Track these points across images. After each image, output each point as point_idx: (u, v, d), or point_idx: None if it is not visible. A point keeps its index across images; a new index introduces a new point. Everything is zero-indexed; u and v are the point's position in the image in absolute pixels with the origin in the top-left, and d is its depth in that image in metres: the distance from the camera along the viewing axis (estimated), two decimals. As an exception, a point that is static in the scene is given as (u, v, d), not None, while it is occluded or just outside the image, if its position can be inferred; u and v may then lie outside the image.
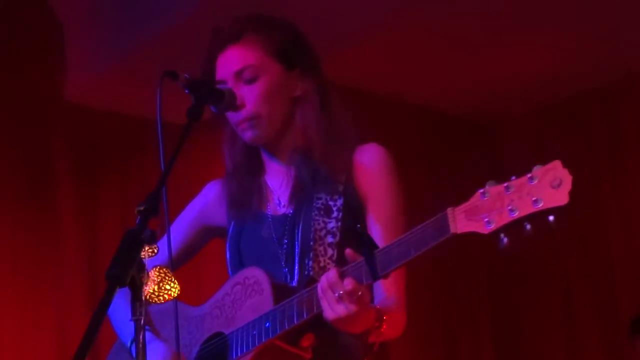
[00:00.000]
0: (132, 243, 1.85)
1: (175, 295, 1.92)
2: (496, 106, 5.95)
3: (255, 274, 2.37)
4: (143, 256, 1.87)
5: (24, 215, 4.68)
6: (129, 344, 2.47)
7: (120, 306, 2.54)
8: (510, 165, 3.82)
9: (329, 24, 4.74)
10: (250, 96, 2.45)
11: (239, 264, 2.51)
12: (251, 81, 2.47)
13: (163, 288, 1.90)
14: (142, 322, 1.84)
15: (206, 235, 2.65)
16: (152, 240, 1.88)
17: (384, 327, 2.21)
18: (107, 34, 4.83)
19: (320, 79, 2.54)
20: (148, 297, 1.87)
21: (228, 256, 2.56)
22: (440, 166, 5.78)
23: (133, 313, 1.85)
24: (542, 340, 5.85)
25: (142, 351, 1.83)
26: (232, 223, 2.56)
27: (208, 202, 2.64)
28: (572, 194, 1.81)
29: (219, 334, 2.41)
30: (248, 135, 2.48)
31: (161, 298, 1.90)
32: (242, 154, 2.58)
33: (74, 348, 1.71)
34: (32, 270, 4.66)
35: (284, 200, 2.51)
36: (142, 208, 1.94)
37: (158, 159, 2.15)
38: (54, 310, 4.69)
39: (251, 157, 2.58)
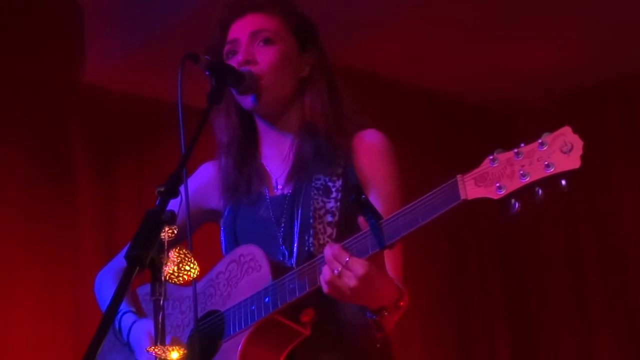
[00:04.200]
0: (153, 224, 1.86)
1: (195, 276, 1.92)
2: (514, 96, 5.93)
3: (251, 251, 2.35)
4: (163, 237, 1.88)
5: (40, 199, 4.69)
6: (117, 325, 2.48)
7: (108, 286, 2.56)
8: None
9: (347, 10, 4.74)
10: (264, 56, 2.46)
11: (235, 244, 2.49)
12: (267, 42, 2.48)
13: (182, 269, 1.91)
14: (161, 302, 1.85)
15: (199, 217, 2.61)
16: (172, 221, 1.89)
17: (403, 304, 2.19)
18: (128, 18, 4.83)
19: (328, 68, 2.56)
20: (167, 277, 1.88)
21: (223, 237, 2.54)
22: (456, 154, 5.77)
23: (152, 293, 1.86)
24: (555, 321, 5.86)
25: (160, 331, 1.84)
26: (228, 206, 2.55)
27: (203, 184, 2.62)
28: (584, 158, 1.82)
29: (213, 312, 2.39)
30: (250, 100, 2.46)
31: (180, 279, 1.91)
32: (238, 131, 2.56)
33: (91, 332, 1.71)
34: (49, 254, 4.66)
35: (282, 181, 2.50)
36: (162, 189, 1.95)
37: (175, 143, 2.15)
38: (71, 294, 4.70)
39: (247, 136, 2.56)
